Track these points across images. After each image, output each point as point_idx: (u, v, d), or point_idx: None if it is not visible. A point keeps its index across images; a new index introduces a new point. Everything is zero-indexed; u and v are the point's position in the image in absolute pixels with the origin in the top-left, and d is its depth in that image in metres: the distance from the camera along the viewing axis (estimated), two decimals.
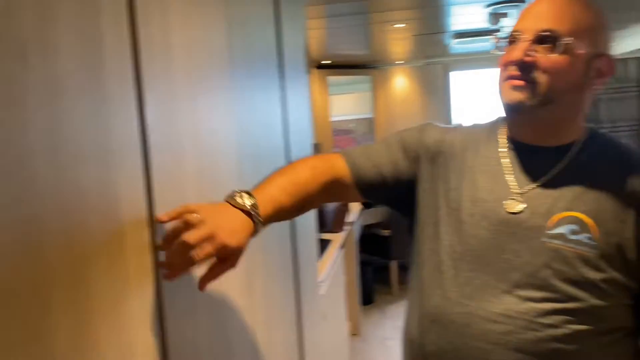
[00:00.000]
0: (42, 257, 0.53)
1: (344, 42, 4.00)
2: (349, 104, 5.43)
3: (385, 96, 5.37)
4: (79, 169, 0.59)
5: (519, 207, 0.92)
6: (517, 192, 0.93)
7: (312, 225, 1.84)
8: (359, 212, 3.91)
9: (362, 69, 5.21)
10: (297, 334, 1.53)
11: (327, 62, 4.73)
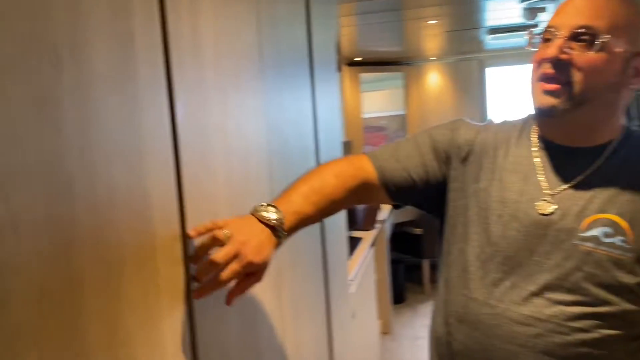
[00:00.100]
0: (75, 255, 0.54)
1: (376, 39, 3.97)
2: (381, 100, 5.40)
3: (418, 93, 5.32)
4: (110, 168, 0.60)
5: (551, 208, 0.89)
6: (549, 193, 0.91)
7: (342, 223, 1.83)
8: (390, 210, 3.88)
9: (395, 66, 5.17)
10: (327, 332, 1.53)
11: (358, 59, 4.71)
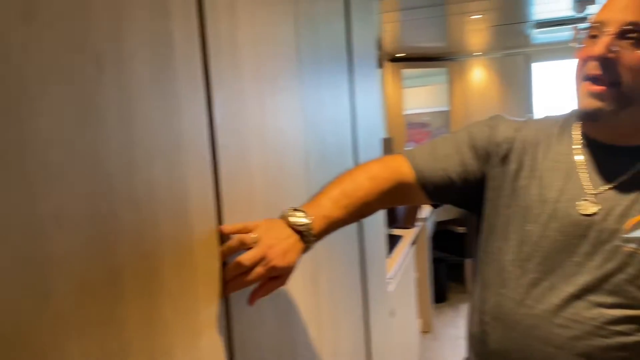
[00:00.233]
0: (115, 249, 0.56)
1: (419, 34, 3.93)
2: (424, 97, 5.34)
3: (462, 89, 5.22)
4: (150, 166, 0.62)
5: (593, 208, 0.87)
6: (592, 192, 0.88)
7: (381, 221, 1.83)
8: (432, 208, 3.84)
9: (438, 61, 5.09)
10: (364, 330, 1.53)
11: (401, 55, 4.67)
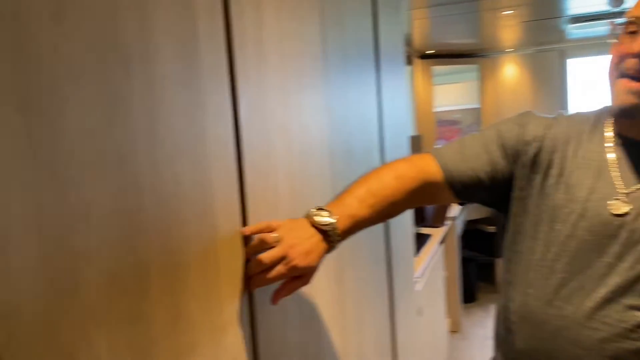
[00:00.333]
0: (141, 245, 0.57)
1: (450, 31, 3.88)
2: (454, 94, 5.27)
3: (493, 85, 5.14)
4: (176, 163, 0.63)
5: (624, 208, 0.84)
6: (623, 192, 0.86)
7: (408, 219, 1.81)
8: (462, 207, 3.79)
9: (469, 58, 5.02)
10: (390, 329, 1.52)
11: (431, 52, 4.62)
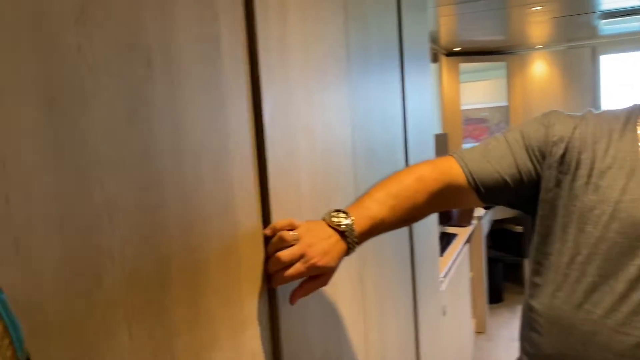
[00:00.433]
0: (163, 241, 0.59)
1: (477, 28, 3.82)
2: (482, 91, 5.20)
3: (522, 83, 5.05)
4: (198, 162, 0.64)
5: None
6: None
7: (433, 219, 1.80)
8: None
9: (497, 55, 4.95)
10: (414, 329, 1.51)
11: (457, 49, 4.57)
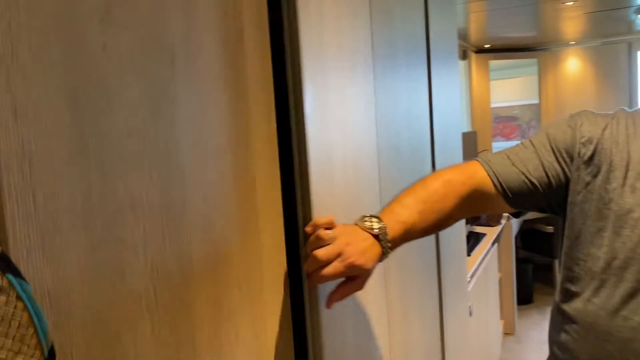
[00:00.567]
0: (184, 235, 0.59)
1: (508, 24, 3.75)
2: (513, 89, 5.11)
3: (554, 80, 4.94)
4: (220, 158, 0.65)
5: None
6: None
7: None
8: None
9: (528, 52, 4.85)
10: (439, 328, 1.50)
11: (487, 46, 4.49)
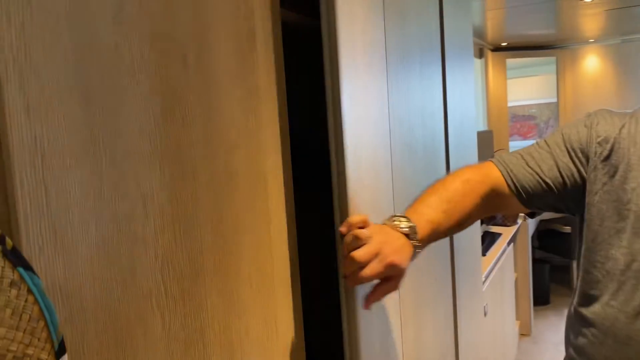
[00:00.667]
0: (195, 232, 0.60)
1: (525, 21, 3.71)
2: (530, 87, 5.06)
3: (572, 79, 4.87)
4: (231, 156, 0.65)
5: None
6: None
7: None
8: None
9: (546, 50, 4.79)
10: (453, 328, 1.49)
11: (504, 44, 4.45)
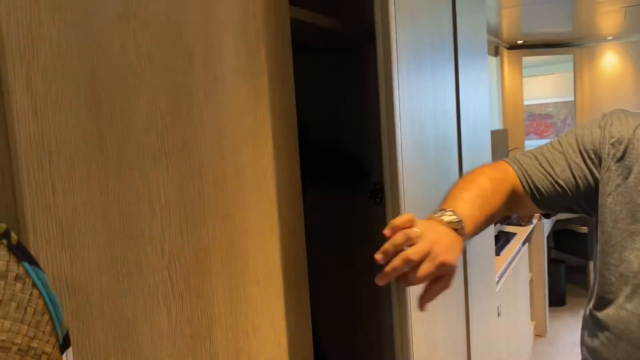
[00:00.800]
0: (201, 229, 0.60)
1: (542, 19, 3.67)
2: (546, 86, 5.00)
3: (590, 77, 4.80)
4: (239, 153, 0.65)
5: None
6: None
7: None
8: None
9: (563, 48, 4.73)
10: (465, 329, 1.48)
11: (520, 42, 4.40)
